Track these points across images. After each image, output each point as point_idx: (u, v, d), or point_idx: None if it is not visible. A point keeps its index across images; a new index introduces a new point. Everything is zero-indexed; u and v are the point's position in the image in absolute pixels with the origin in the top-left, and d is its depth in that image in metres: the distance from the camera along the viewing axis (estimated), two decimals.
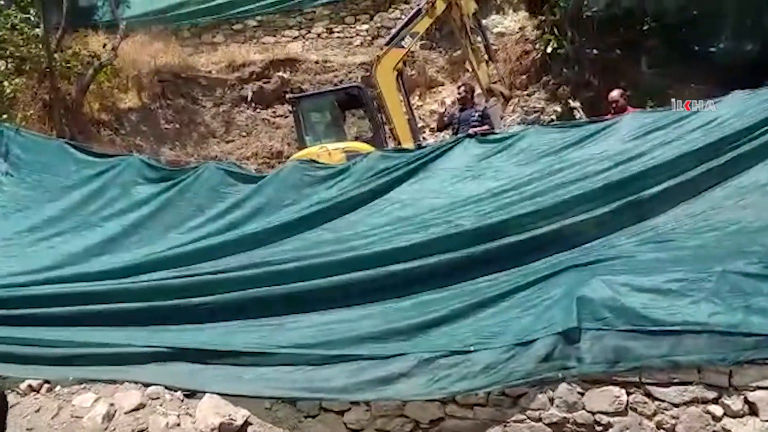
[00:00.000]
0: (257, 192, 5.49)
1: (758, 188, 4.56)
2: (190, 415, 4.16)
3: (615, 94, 7.44)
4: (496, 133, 6.61)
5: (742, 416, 3.57)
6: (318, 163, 5.99)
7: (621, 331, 3.72)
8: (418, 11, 8.92)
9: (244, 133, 12.64)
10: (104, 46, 11.88)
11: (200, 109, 12.78)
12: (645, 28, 11.15)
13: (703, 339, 3.59)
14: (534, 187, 4.91)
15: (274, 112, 12.80)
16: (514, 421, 3.85)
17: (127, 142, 11.52)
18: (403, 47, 8.74)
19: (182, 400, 4.25)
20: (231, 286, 4.80)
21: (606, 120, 5.45)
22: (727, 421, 3.58)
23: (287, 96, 11.51)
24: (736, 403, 3.57)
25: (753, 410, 3.56)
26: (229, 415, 4.05)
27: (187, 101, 12.74)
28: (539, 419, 3.82)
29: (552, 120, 10.71)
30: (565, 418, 3.78)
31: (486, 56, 9.31)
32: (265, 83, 12.91)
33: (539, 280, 4.27)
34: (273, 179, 5.57)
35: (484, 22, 12.56)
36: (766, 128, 4.71)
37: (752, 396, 3.56)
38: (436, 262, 4.68)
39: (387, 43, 9.07)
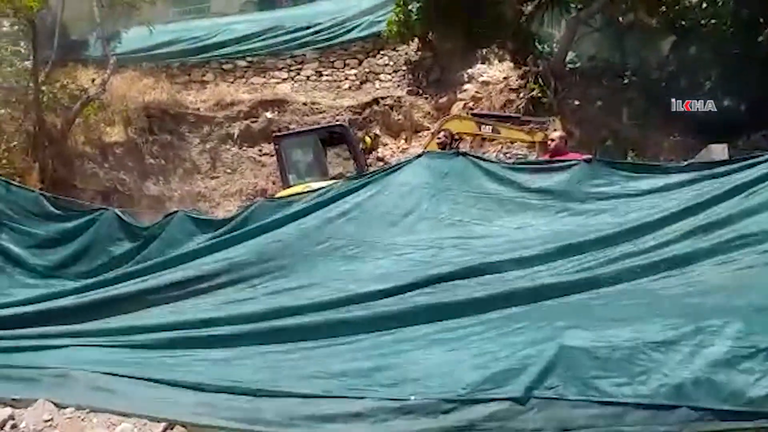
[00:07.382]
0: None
1: None
2: None
3: (555, 134, 7.70)
4: None
5: None
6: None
7: (569, 400, 3.65)
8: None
9: (229, 170, 12.71)
10: (93, 80, 11.95)
11: (187, 145, 12.85)
12: (625, 81, 11.46)
13: (648, 411, 3.54)
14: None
15: (260, 150, 12.91)
16: None
17: (110, 176, 11.54)
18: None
19: None
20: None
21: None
22: None
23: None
24: None
25: None
26: None
27: (173, 137, 12.81)
28: None
29: None
30: None
31: None
32: (252, 122, 13.04)
33: (493, 336, 4.21)
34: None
35: (470, 71, 13.00)
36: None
37: None
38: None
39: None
